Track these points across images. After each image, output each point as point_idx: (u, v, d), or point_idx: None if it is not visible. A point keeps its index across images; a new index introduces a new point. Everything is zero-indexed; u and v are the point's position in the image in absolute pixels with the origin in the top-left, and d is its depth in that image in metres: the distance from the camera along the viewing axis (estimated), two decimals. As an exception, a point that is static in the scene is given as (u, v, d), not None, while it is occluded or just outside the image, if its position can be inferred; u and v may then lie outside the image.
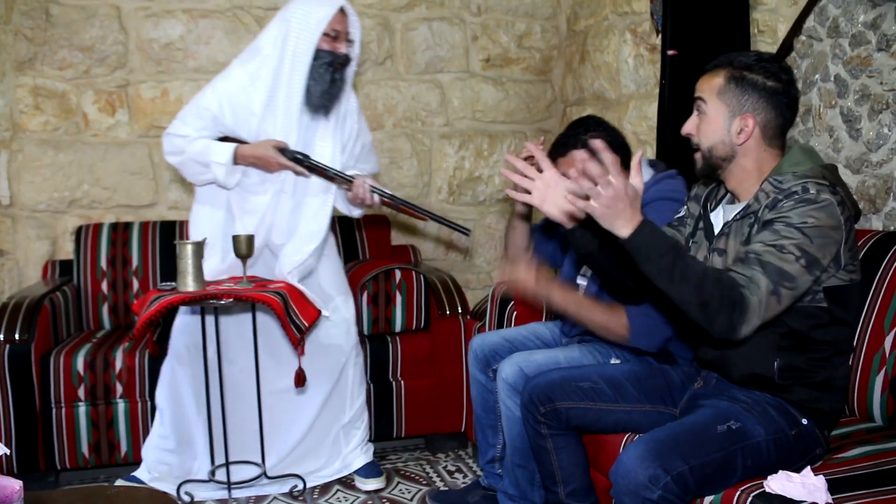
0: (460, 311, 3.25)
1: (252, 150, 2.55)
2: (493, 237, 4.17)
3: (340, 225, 3.63)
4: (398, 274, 3.19)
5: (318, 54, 2.56)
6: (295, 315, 2.42)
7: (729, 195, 1.94)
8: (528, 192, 1.90)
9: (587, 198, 1.65)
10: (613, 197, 1.61)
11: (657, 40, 3.17)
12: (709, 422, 1.73)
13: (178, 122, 2.64)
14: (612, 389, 2.03)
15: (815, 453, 1.77)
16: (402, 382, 3.19)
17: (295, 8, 2.60)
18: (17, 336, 2.81)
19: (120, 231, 3.44)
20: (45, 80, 3.57)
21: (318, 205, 2.70)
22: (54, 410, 2.90)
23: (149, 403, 2.96)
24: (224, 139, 2.64)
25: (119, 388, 2.93)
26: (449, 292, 3.29)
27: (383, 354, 3.16)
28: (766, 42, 2.73)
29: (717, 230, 1.91)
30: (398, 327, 3.21)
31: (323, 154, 2.64)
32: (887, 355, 1.95)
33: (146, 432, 2.96)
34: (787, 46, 2.61)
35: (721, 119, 1.82)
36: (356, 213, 2.81)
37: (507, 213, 2.48)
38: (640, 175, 1.74)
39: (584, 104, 3.95)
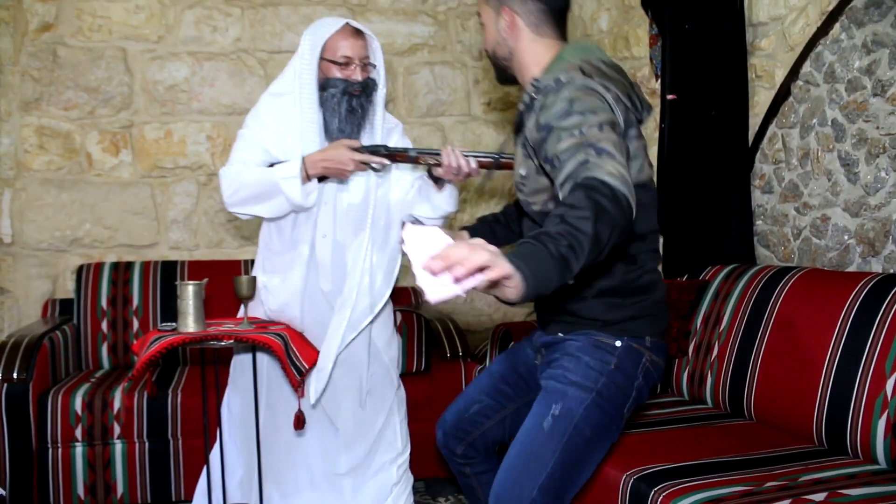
0: (461, 354, 3.23)
1: (322, 153, 2.31)
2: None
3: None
4: (399, 316, 3.19)
5: (329, 83, 2.37)
6: (295, 357, 2.40)
7: None
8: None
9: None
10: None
11: (656, 85, 3.21)
12: (535, 425, 1.74)
13: (229, 163, 2.47)
14: (493, 399, 2.06)
15: (642, 362, 1.76)
16: (402, 424, 3.17)
17: (305, 36, 2.41)
18: (15, 375, 2.80)
19: (121, 271, 3.44)
20: (50, 120, 3.61)
21: (355, 251, 2.50)
22: (50, 451, 2.87)
23: (146, 444, 2.94)
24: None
25: (117, 429, 2.91)
26: (450, 335, 3.28)
27: (383, 396, 3.14)
28: (764, 87, 2.76)
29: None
30: (399, 370, 3.19)
31: (357, 187, 2.46)
32: (889, 399, 1.95)
33: (143, 474, 2.93)
34: (784, 91, 2.64)
35: (491, 22, 1.89)
36: (449, 205, 2.46)
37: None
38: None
39: (584, 147, 3.98)
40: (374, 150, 2.32)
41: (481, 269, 1.25)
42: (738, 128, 2.78)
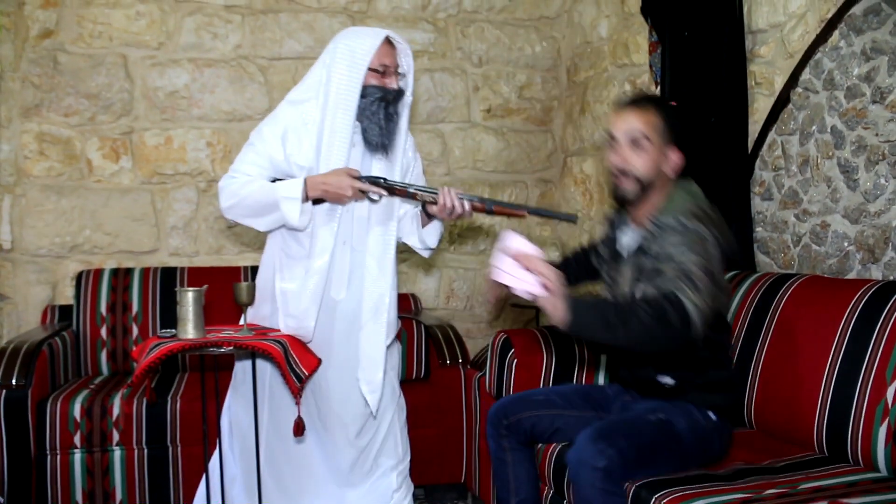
0: (461, 360, 3.23)
1: (323, 177, 2.35)
2: (494, 285, 4.17)
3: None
4: (399, 323, 3.18)
5: (367, 91, 2.39)
6: (295, 364, 2.40)
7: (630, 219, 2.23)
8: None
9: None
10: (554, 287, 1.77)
11: (656, 91, 3.21)
12: (642, 413, 2.08)
13: (232, 171, 2.47)
14: (561, 399, 2.33)
15: (724, 436, 2.11)
16: (402, 431, 3.16)
17: (337, 43, 2.42)
18: (14, 381, 2.79)
19: (121, 277, 3.44)
20: (50, 127, 3.61)
21: (380, 256, 2.53)
22: (49, 457, 2.86)
23: (145, 451, 2.93)
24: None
25: (116, 436, 2.90)
26: (449, 341, 3.27)
27: (382, 403, 3.13)
28: (763, 94, 2.77)
29: (624, 252, 2.20)
30: (398, 376, 3.18)
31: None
32: (889, 406, 1.94)
33: (142, 480, 2.92)
34: (784, 98, 2.65)
35: (655, 151, 2.08)
36: (431, 240, 2.60)
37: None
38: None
39: (585, 154, 3.98)
40: (375, 181, 2.37)
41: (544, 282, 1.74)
42: (738, 134, 2.78)
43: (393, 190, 2.39)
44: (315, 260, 2.45)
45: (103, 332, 3.36)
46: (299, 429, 2.47)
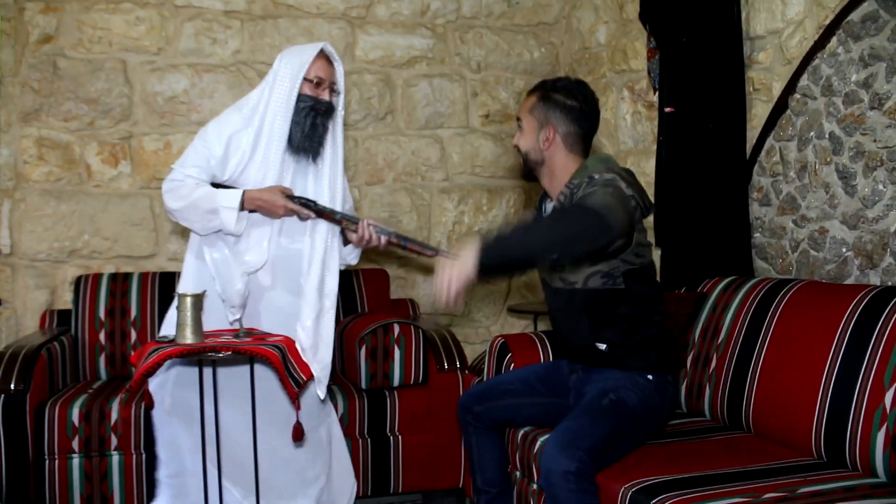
0: (459, 365, 3.23)
1: (259, 193, 2.54)
2: (493, 292, 4.17)
3: (340, 279, 3.61)
4: (396, 328, 3.18)
5: (301, 98, 2.58)
6: (294, 369, 2.40)
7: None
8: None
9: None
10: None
11: (654, 98, 3.22)
12: (594, 400, 2.14)
13: (178, 169, 2.62)
14: (522, 386, 2.46)
15: (668, 391, 2.23)
16: (400, 437, 3.16)
17: (282, 56, 2.63)
18: (12, 386, 2.79)
19: (119, 282, 3.44)
20: (49, 132, 3.62)
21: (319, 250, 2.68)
22: (47, 462, 2.86)
23: (143, 456, 2.93)
24: (217, 187, 2.63)
25: (114, 440, 2.90)
26: (447, 347, 3.27)
27: (381, 409, 3.13)
28: (761, 100, 2.78)
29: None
30: (396, 382, 3.18)
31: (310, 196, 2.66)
32: (888, 411, 1.94)
33: (140, 485, 2.92)
34: (782, 104, 2.66)
35: (533, 131, 2.27)
36: (351, 258, 2.82)
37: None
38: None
39: (583, 160, 3.99)
40: (305, 203, 2.55)
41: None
42: (736, 140, 2.79)
43: (321, 213, 2.57)
44: (247, 255, 2.61)
45: (102, 336, 3.35)
46: (298, 434, 2.47)
